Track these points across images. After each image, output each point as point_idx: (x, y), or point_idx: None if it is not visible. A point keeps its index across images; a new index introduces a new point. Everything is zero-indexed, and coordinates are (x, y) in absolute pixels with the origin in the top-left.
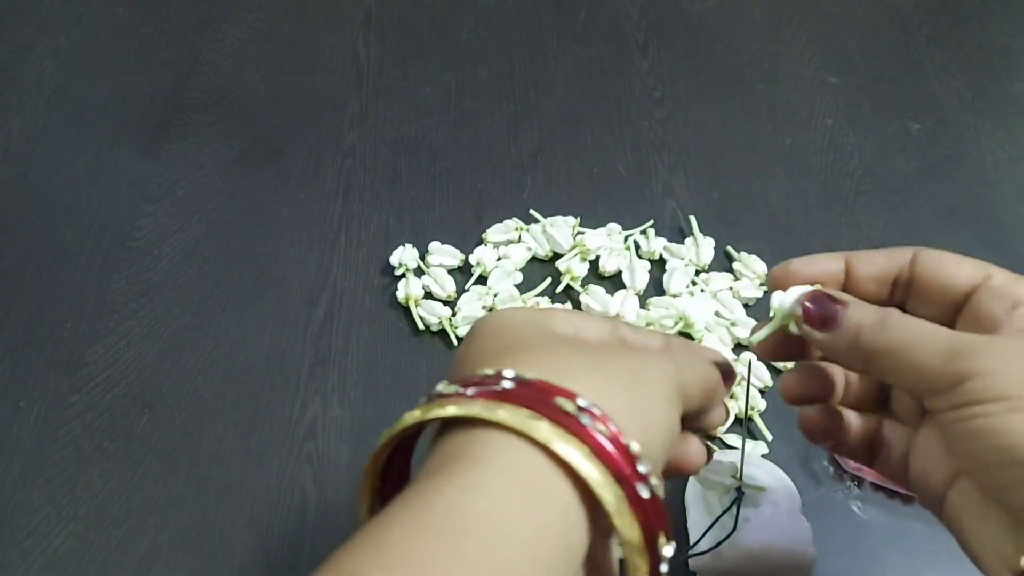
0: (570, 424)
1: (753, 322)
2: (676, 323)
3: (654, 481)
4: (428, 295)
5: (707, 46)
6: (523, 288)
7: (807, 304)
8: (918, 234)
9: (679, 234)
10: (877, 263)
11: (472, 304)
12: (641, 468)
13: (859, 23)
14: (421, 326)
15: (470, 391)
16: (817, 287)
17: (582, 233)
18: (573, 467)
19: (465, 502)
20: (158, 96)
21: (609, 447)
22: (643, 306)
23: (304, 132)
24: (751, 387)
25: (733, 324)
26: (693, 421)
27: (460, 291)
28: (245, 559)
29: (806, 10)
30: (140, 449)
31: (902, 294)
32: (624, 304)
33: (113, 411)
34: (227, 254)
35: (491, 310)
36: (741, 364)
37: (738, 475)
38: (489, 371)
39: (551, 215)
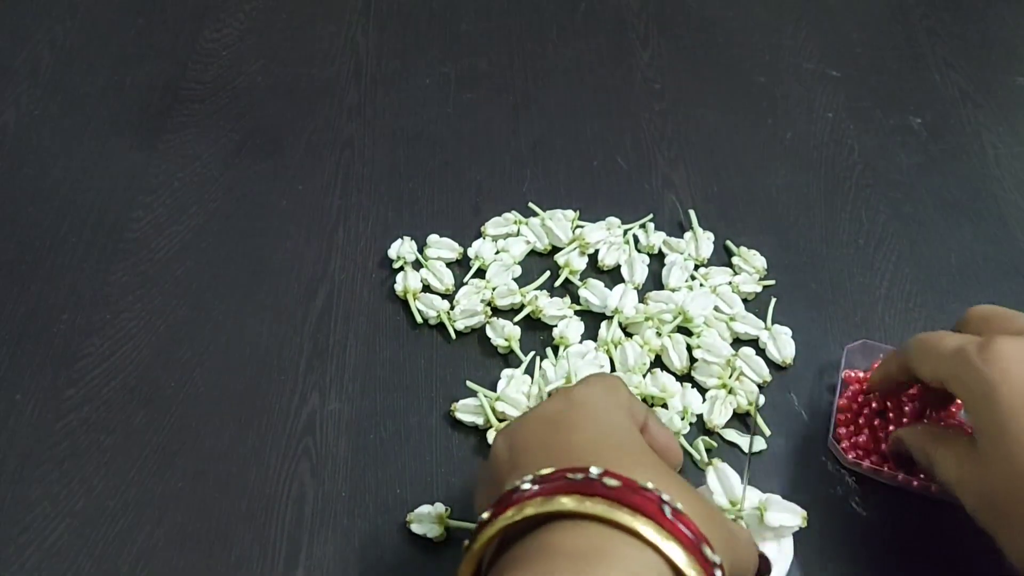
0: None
1: (753, 317)
2: (675, 318)
3: None
4: (426, 288)
5: (708, 38)
6: (522, 282)
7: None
8: (919, 228)
9: (678, 228)
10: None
11: (470, 297)
12: None
13: (860, 16)
14: (419, 319)
15: (579, 487)
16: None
17: (581, 227)
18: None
19: None
20: (155, 86)
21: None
22: (642, 300)
23: (302, 123)
24: (751, 382)
25: (732, 319)
26: None
27: (458, 284)
28: (243, 553)
29: (807, 3)
30: (137, 443)
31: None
32: (623, 298)
33: (110, 405)
34: (225, 246)
35: (490, 304)
36: (740, 359)
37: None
38: (606, 478)
39: (550, 208)
